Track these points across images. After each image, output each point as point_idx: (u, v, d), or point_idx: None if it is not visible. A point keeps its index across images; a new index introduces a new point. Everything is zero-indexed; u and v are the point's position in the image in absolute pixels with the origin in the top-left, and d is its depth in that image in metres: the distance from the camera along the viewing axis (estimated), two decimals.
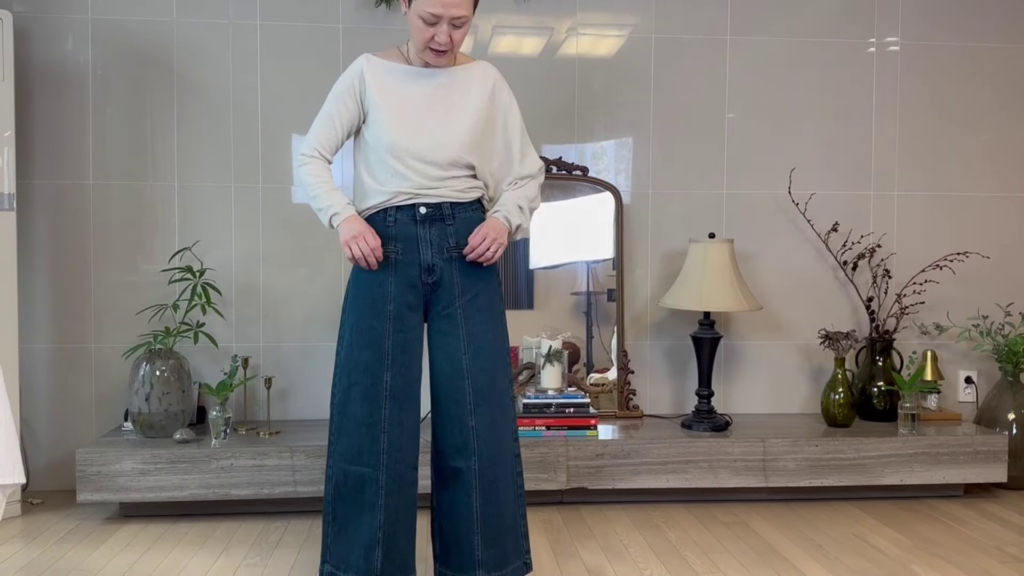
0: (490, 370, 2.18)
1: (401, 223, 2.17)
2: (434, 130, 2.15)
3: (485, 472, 2.16)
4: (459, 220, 2.19)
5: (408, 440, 2.16)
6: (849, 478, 3.08)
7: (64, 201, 3.25)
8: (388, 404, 2.13)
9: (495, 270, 2.26)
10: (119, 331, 3.24)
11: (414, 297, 2.18)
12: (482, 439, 2.15)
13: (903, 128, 3.51)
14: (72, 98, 3.23)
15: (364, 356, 2.14)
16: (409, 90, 2.17)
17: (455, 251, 2.18)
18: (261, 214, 3.32)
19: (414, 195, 2.16)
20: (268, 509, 2.98)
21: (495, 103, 2.24)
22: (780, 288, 3.47)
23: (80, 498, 2.85)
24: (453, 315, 2.18)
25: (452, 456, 2.17)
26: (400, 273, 2.17)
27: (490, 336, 2.19)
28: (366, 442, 2.13)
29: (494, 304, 2.22)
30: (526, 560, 2.26)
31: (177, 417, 3.04)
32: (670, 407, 3.46)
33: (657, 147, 3.45)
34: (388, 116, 2.15)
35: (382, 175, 2.17)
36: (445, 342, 2.18)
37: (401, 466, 2.15)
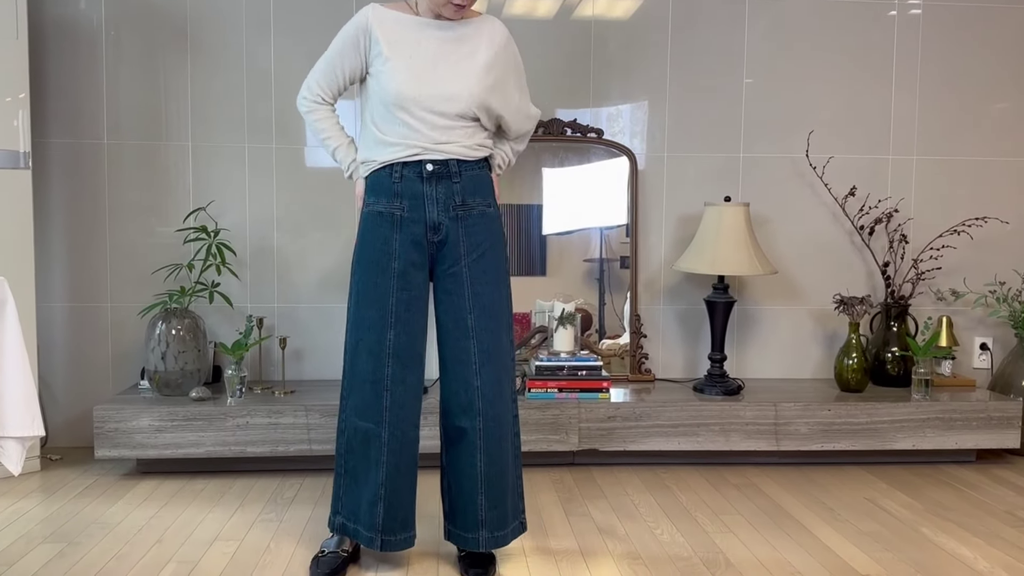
0: (495, 330, 2.18)
1: (407, 180, 2.16)
2: (443, 81, 2.13)
3: (490, 432, 2.17)
4: (466, 178, 2.18)
5: (411, 398, 2.17)
6: (861, 442, 3.08)
7: (79, 160, 3.26)
8: (391, 362, 2.14)
9: (501, 230, 2.26)
10: (135, 290, 3.26)
11: (419, 255, 2.17)
12: (487, 399, 2.16)
13: (923, 92, 3.46)
14: (86, 57, 3.23)
15: (369, 313, 2.15)
16: (418, 41, 2.15)
17: (461, 209, 2.17)
18: (275, 174, 3.32)
19: (421, 150, 2.14)
20: (283, 467, 3.02)
21: (507, 53, 2.22)
22: (795, 253, 3.45)
23: (98, 454, 2.89)
24: (459, 274, 2.17)
25: (457, 416, 2.19)
26: (406, 231, 2.16)
27: (495, 296, 2.19)
28: (371, 398, 2.15)
29: (499, 264, 2.22)
30: (522, 520, 2.28)
31: (193, 376, 3.06)
32: (682, 371, 3.46)
33: (673, 110, 3.42)
34: (396, 67, 2.12)
35: (388, 128, 2.16)
36: (451, 301, 2.18)
37: (403, 424, 2.16)
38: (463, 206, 2.18)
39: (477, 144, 2.19)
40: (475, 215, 2.19)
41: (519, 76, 2.27)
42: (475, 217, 2.19)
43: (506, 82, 2.21)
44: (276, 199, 3.32)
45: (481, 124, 2.19)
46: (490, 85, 2.16)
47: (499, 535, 2.21)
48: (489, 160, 2.27)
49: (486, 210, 2.21)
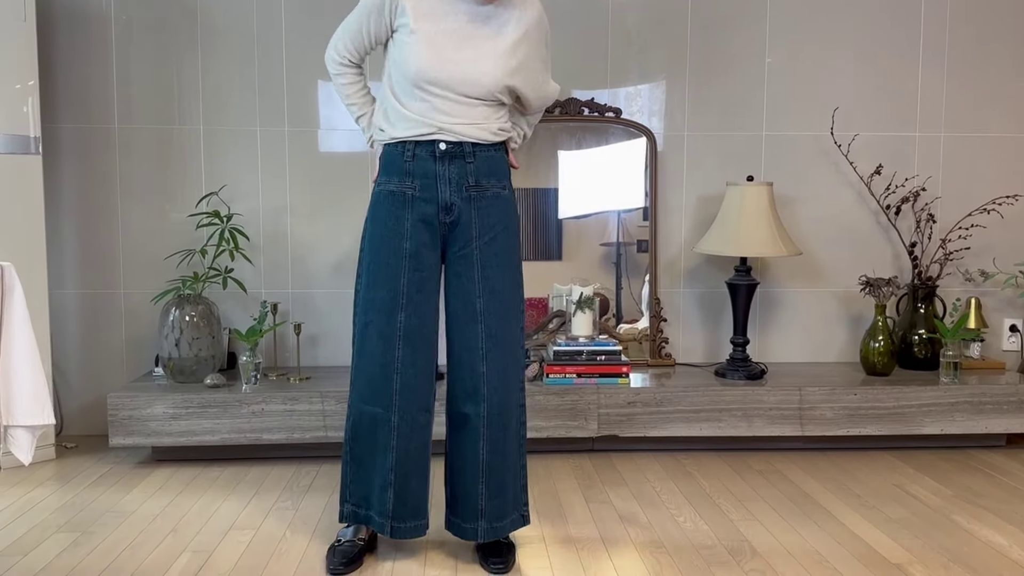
0: (503, 315, 2.12)
1: (419, 159, 2.09)
2: (466, 62, 2.06)
3: (493, 420, 2.12)
4: (480, 159, 2.11)
5: (422, 382, 2.12)
6: (888, 427, 3.01)
7: (90, 145, 3.22)
8: (401, 344, 2.09)
9: (515, 213, 2.19)
10: (148, 276, 3.22)
11: (431, 236, 2.11)
12: (492, 386, 2.11)
13: (951, 66, 3.36)
14: (95, 40, 3.18)
15: (379, 295, 2.10)
16: (447, 15, 2.06)
17: (474, 190, 2.11)
18: (288, 158, 3.27)
19: (437, 129, 2.07)
20: (299, 454, 2.98)
21: (537, 31, 2.15)
22: (819, 233, 3.37)
23: (112, 442, 2.87)
24: (469, 256, 2.12)
25: (462, 401, 2.14)
26: (417, 210, 2.10)
27: (506, 280, 2.13)
28: (379, 382, 2.10)
29: (512, 248, 2.16)
30: (524, 513, 2.22)
31: (207, 362, 3.03)
32: (703, 356, 3.40)
33: (693, 88, 3.33)
34: (419, 42, 2.05)
35: (408, 100, 2.09)
36: (460, 284, 2.13)
37: (413, 408, 2.11)
38: (476, 187, 2.11)
39: (498, 128, 2.13)
40: (489, 197, 2.13)
41: (544, 52, 2.20)
42: (489, 199, 2.13)
43: (531, 62, 2.14)
44: (289, 183, 3.27)
45: (502, 102, 2.13)
46: (514, 67, 2.09)
47: (497, 526, 2.15)
48: (506, 141, 2.20)
49: (500, 192, 2.15)
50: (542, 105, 2.25)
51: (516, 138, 2.24)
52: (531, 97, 2.17)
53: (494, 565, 2.13)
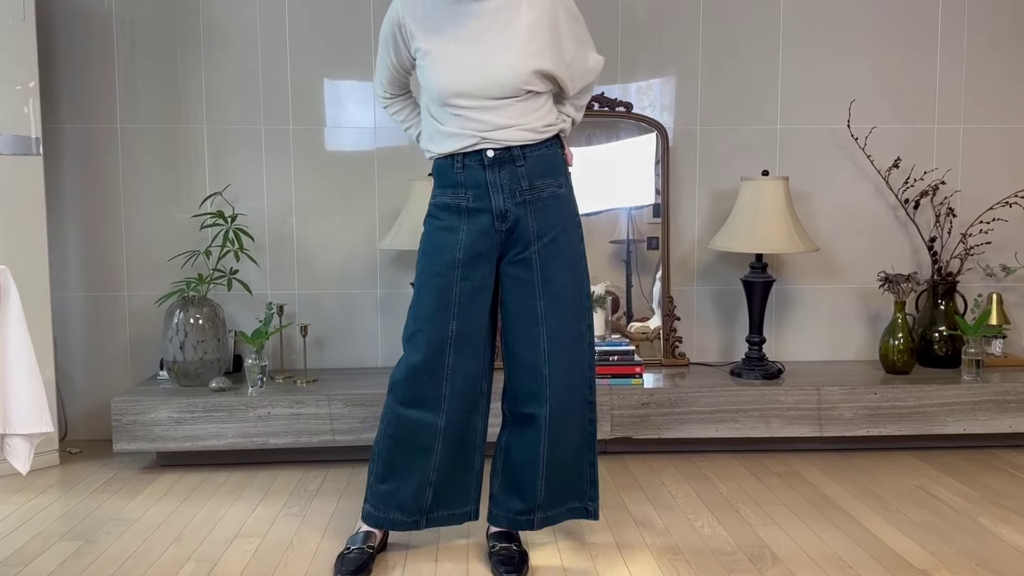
0: (565, 316, 2.09)
1: (470, 169, 2.05)
2: (486, 64, 1.99)
3: (556, 420, 2.09)
4: (531, 159, 2.05)
5: (469, 387, 2.11)
6: (909, 427, 2.93)
7: (92, 145, 3.16)
8: (452, 352, 2.07)
9: (575, 210, 2.14)
10: (152, 278, 3.17)
11: (487, 245, 2.07)
12: (555, 387, 2.08)
13: (970, 56, 3.28)
14: (97, 39, 3.13)
15: (430, 303, 2.08)
16: (454, 23, 2.01)
17: (528, 193, 2.06)
18: (293, 157, 3.21)
19: (480, 139, 2.02)
20: (306, 458, 2.92)
21: (554, 6, 2.04)
22: (836, 228, 3.29)
23: (116, 447, 2.82)
24: (529, 260, 2.08)
25: (525, 402, 2.11)
26: (473, 221, 2.07)
27: (567, 280, 2.09)
28: (428, 389, 2.08)
29: (573, 246, 2.12)
30: (588, 507, 2.19)
31: (212, 365, 2.98)
32: (718, 355, 3.32)
33: (706, 81, 3.26)
34: (435, 59, 2.01)
35: (443, 118, 2.06)
36: (519, 287, 2.09)
37: (460, 412, 2.11)
38: (531, 190, 2.06)
39: (543, 125, 2.06)
40: (545, 198, 2.07)
41: (573, 23, 2.09)
42: (545, 200, 2.07)
43: (556, 39, 2.04)
44: (295, 182, 3.22)
45: (537, 92, 2.04)
46: (536, 52, 2.01)
47: (552, 514, 2.15)
48: (559, 134, 2.13)
49: (557, 191, 2.09)
50: (586, 83, 2.15)
51: (566, 128, 2.17)
52: (566, 77, 2.07)
53: (507, 574, 2.07)
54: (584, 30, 2.13)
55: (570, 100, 2.16)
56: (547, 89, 2.07)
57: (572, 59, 2.08)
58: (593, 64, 2.15)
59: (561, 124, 2.13)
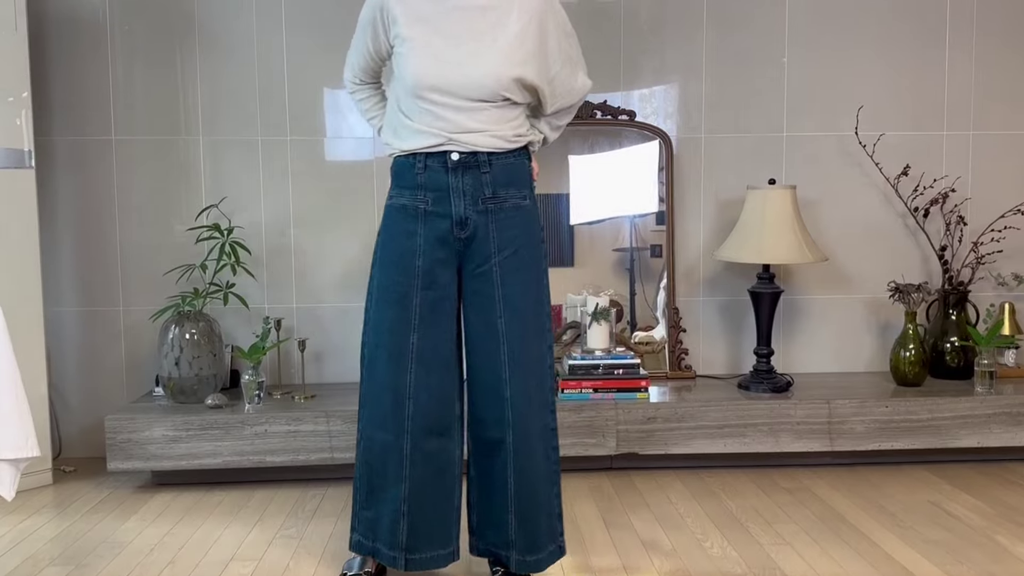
0: (526, 335, 1.99)
1: (431, 170, 1.96)
2: (467, 62, 1.92)
3: (520, 447, 1.98)
4: (497, 167, 1.97)
5: (436, 406, 1.99)
6: (921, 440, 2.86)
7: (86, 158, 3.11)
8: (414, 367, 1.96)
9: (537, 222, 2.04)
10: (148, 293, 3.11)
11: (445, 252, 1.98)
12: (517, 410, 1.97)
13: (979, 62, 3.22)
14: (91, 49, 3.07)
15: (389, 315, 1.98)
16: (440, 15, 1.94)
17: (491, 202, 1.97)
18: (291, 168, 3.15)
19: (447, 139, 1.94)
20: (304, 476, 2.86)
21: (545, 17, 1.97)
22: (844, 237, 3.23)
23: (110, 467, 2.75)
24: (488, 273, 1.98)
25: (488, 427, 2.00)
26: (430, 226, 1.97)
27: (529, 297, 1.99)
28: (391, 407, 1.97)
29: (535, 261, 2.02)
30: (560, 544, 2.08)
31: (209, 382, 2.91)
32: (725, 367, 3.26)
33: (710, 88, 3.20)
34: (415, 48, 1.92)
35: (413, 113, 1.97)
36: (479, 303, 1.99)
37: (427, 434, 1.99)
38: (494, 199, 1.97)
39: (514, 135, 1.98)
40: (508, 209, 1.99)
41: (564, 41, 2.02)
42: (508, 211, 1.99)
43: (543, 50, 1.97)
44: (293, 194, 3.16)
45: (514, 101, 1.97)
46: (522, 59, 1.93)
47: (532, 560, 2.02)
48: (527, 146, 2.06)
49: (521, 203, 2.01)
50: (567, 103, 2.08)
51: (536, 142, 2.08)
52: (547, 91, 2.00)
53: None
54: (576, 49, 2.06)
55: (547, 117, 2.08)
56: (525, 100, 2.00)
57: (555, 75, 2.01)
58: (580, 86, 2.08)
59: (532, 136, 2.05)
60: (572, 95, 2.08)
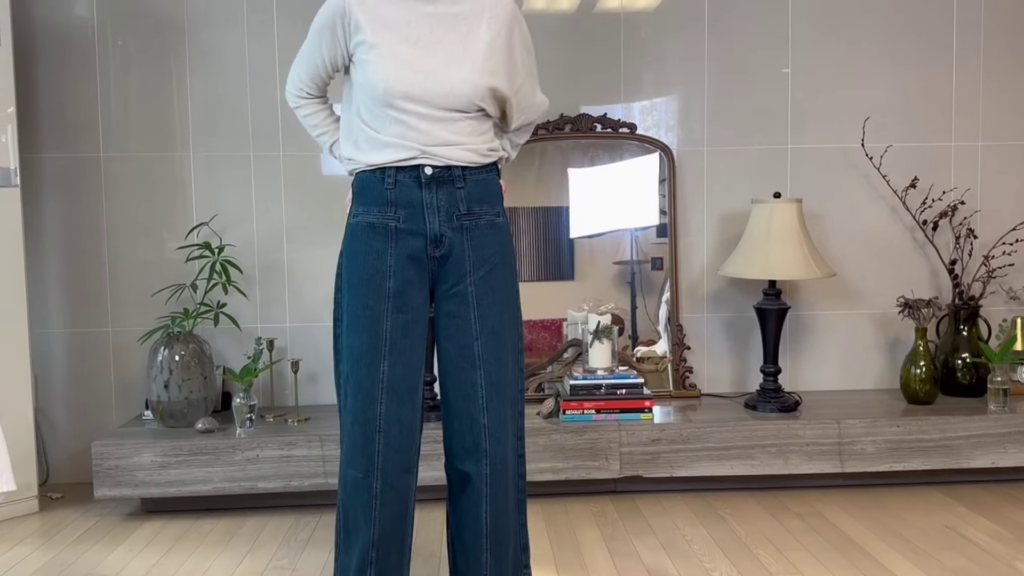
0: (503, 358, 1.88)
1: (403, 185, 1.85)
2: (439, 70, 1.82)
3: (496, 479, 1.86)
4: (471, 183, 1.87)
5: (406, 439, 1.86)
6: (934, 461, 2.78)
7: (73, 175, 3.03)
8: (384, 398, 1.83)
9: (510, 240, 1.95)
10: (138, 313, 3.03)
11: (418, 272, 1.87)
12: (494, 438, 1.86)
13: (987, 70, 3.15)
14: (78, 64, 3.00)
15: (359, 341, 1.84)
16: (407, 22, 1.84)
17: (466, 219, 1.87)
18: (284, 185, 3.08)
19: (419, 152, 1.83)
20: (297, 502, 2.77)
21: (513, 30, 1.90)
22: (850, 251, 3.15)
23: (97, 494, 2.67)
24: (463, 294, 1.87)
25: (461, 458, 1.88)
26: (401, 244, 1.85)
27: (504, 318, 1.89)
28: (360, 442, 1.83)
29: (509, 282, 1.92)
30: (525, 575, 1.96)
31: (199, 405, 2.83)
32: (730, 385, 3.17)
33: (712, 100, 3.13)
34: (382, 55, 1.82)
35: (381, 125, 1.86)
36: (454, 325, 1.88)
37: (396, 469, 1.85)
38: (469, 215, 1.87)
39: (487, 149, 1.89)
40: (483, 226, 1.89)
41: (526, 55, 1.95)
42: (483, 228, 1.89)
43: (512, 62, 1.90)
44: (285, 210, 3.08)
45: (487, 114, 1.89)
46: (493, 69, 1.85)
47: None
48: (497, 162, 1.97)
49: (495, 220, 1.91)
50: (528, 119, 2.00)
51: (504, 159, 1.99)
52: (515, 105, 1.93)
53: None
54: (534, 65, 1.98)
55: (508, 134, 2.00)
56: (495, 113, 1.92)
57: (519, 88, 1.93)
58: (539, 101, 2.01)
59: (502, 152, 1.97)
60: (533, 110, 2.00)
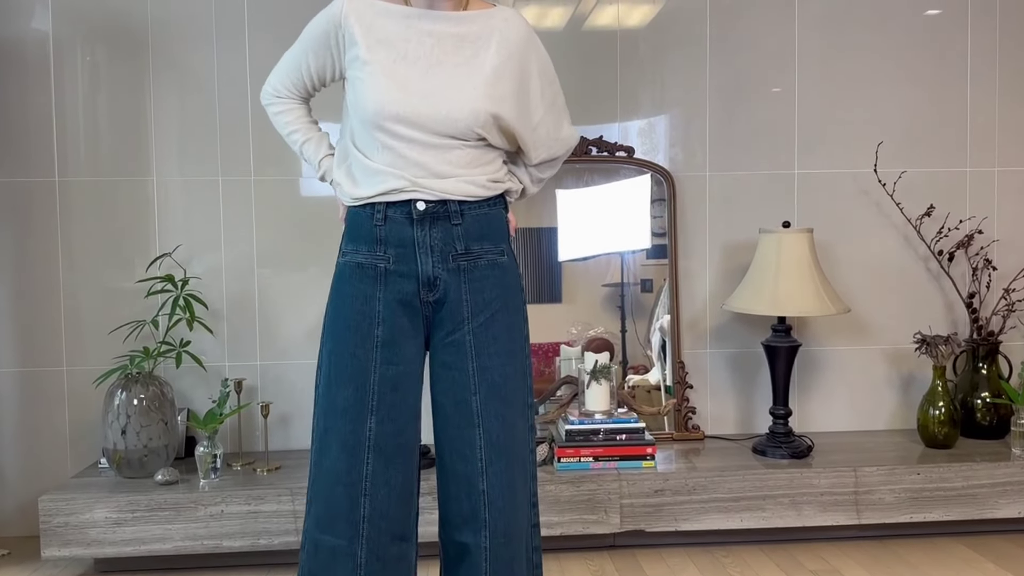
0: (506, 415, 1.68)
1: (393, 222, 1.67)
2: (436, 93, 1.64)
3: (498, 552, 1.67)
4: (470, 218, 1.68)
5: (396, 504, 1.67)
6: (957, 511, 2.58)
7: (24, 201, 2.79)
8: (371, 458, 1.64)
9: (518, 284, 1.75)
10: (95, 351, 2.79)
11: (410, 319, 1.68)
12: (495, 507, 1.66)
13: (1004, 92, 2.98)
14: (33, 81, 2.77)
15: (343, 394, 1.65)
16: (407, 40, 1.66)
17: (463, 259, 1.68)
18: (254, 210, 2.85)
19: (409, 183, 1.65)
20: (266, 561, 2.53)
21: (526, 54, 1.72)
22: (861, 283, 2.96)
23: (45, 554, 2.41)
24: (461, 343, 1.68)
25: (457, 528, 1.69)
26: (391, 288, 1.67)
27: (508, 370, 1.69)
28: (343, 506, 1.64)
29: (514, 328, 1.72)
30: None
31: (159, 453, 2.59)
32: (736, 426, 2.96)
33: (714, 120, 2.94)
34: (375, 74, 1.64)
35: (370, 148, 1.68)
36: (450, 378, 1.69)
37: (384, 538, 1.66)
38: (467, 255, 1.68)
39: (488, 180, 1.70)
40: (483, 267, 1.70)
41: (547, 84, 1.76)
42: (483, 269, 1.70)
43: (524, 91, 1.71)
44: (256, 240, 2.85)
45: (489, 144, 1.70)
46: (499, 96, 1.66)
47: None
48: (504, 194, 1.78)
49: (498, 259, 1.72)
50: (553, 154, 1.82)
51: (514, 190, 1.80)
52: (529, 140, 1.73)
53: None
54: (560, 96, 1.80)
55: (530, 168, 1.81)
56: (501, 145, 1.73)
57: (540, 122, 1.75)
58: (566, 136, 1.82)
59: (510, 184, 1.77)
60: (558, 145, 1.81)
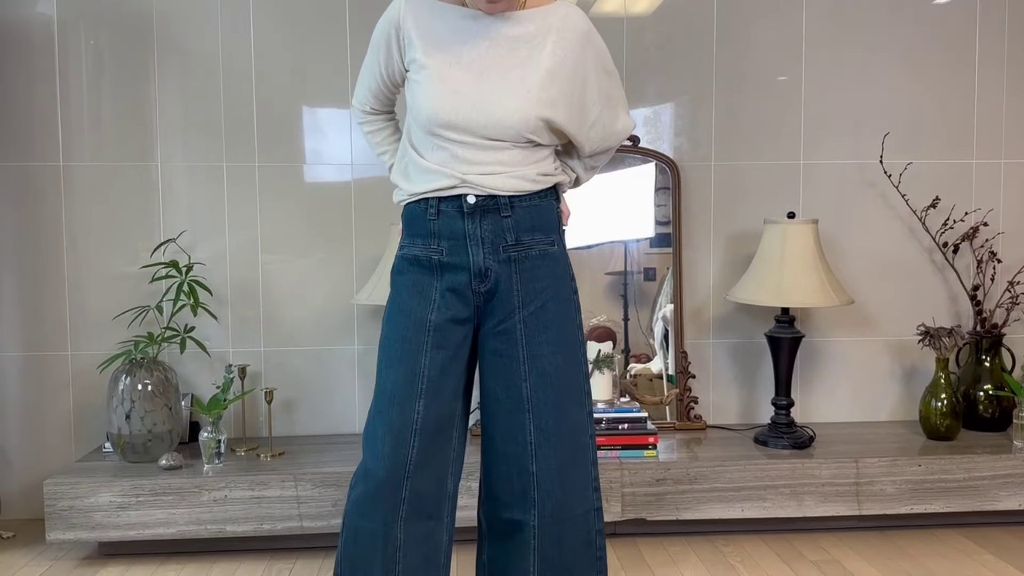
0: (557, 402, 1.71)
1: (445, 216, 1.70)
2: (488, 99, 1.66)
3: (547, 531, 1.70)
4: (520, 211, 1.71)
5: (432, 485, 1.71)
6: (958, 503, 2.59)
7: (30, 186, 2.80)
8: (416, 441, 1.67)
9: (567, 270, 1.78)
10: (99, 336, 2.80)
11: (462, 308, 1.72)
12: (544, 489, 1.69)
13: (1011, 83, 2.96)
14: (38, 66, 2.77)
15: (393, 376, 1.70)
16: (463, 41, 1.68)
17: (513, 250, 1.71)
18: (259, 196, 2.85)
19: (460, 181, 1.68)
20: (270, 546, 2.54)
21: (584, 53, 1.73)
22: (865, 274, 2.96)
23: (50, 537, 2.43)
24: (511, 331, 1.71)
25: (507, 506, 1.72)
26: (445, 278, 1.71)
27: (559, 359, 1.72)
28: (386, 489, 1.67)
29: (566, 317, 1.75)
30: None
31: (163, 438, 2.60)
32: (737, 416, 2.97)
33: (720, 110, 2.93)
34: (430, 80, 1.67)
35: (425, 148, 1.72)
36: (501, 364, 1.72)
37: (424, 520, 1.70)
38: (517, 245, 1.71)
39: (538, 174, 1.72)
40: (534, 256, 1.72)
41: (604, 79, 1.77)
42: (534, 259, 1.72)
43: (580, 92, 1.73)
44: (261, 225, 2.86)
45: (540, 143, 1.72)
46: (551, 100, 1.68)
47: None
48: (556, 186, 1.79)
49: (548, 249, 1.74)
50: (607, 146, 1.83)
51: (565, 182, 1.82)
52: (583, 138, 1.75)
53: None
54: (617, 88, 1.81)
55: (582, 158, 1.83)
56: (551, 143, 1.74)
57: (596, 119, 1.77)
58: (621, 128, 1.83)
59: (561, 176, 1.79)
60: (612, 138, 1.83)
